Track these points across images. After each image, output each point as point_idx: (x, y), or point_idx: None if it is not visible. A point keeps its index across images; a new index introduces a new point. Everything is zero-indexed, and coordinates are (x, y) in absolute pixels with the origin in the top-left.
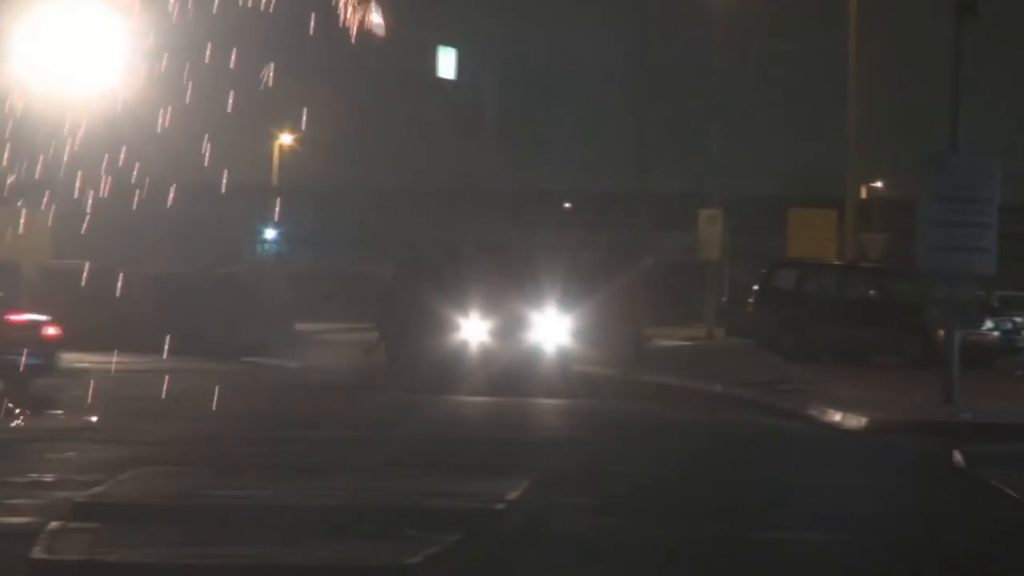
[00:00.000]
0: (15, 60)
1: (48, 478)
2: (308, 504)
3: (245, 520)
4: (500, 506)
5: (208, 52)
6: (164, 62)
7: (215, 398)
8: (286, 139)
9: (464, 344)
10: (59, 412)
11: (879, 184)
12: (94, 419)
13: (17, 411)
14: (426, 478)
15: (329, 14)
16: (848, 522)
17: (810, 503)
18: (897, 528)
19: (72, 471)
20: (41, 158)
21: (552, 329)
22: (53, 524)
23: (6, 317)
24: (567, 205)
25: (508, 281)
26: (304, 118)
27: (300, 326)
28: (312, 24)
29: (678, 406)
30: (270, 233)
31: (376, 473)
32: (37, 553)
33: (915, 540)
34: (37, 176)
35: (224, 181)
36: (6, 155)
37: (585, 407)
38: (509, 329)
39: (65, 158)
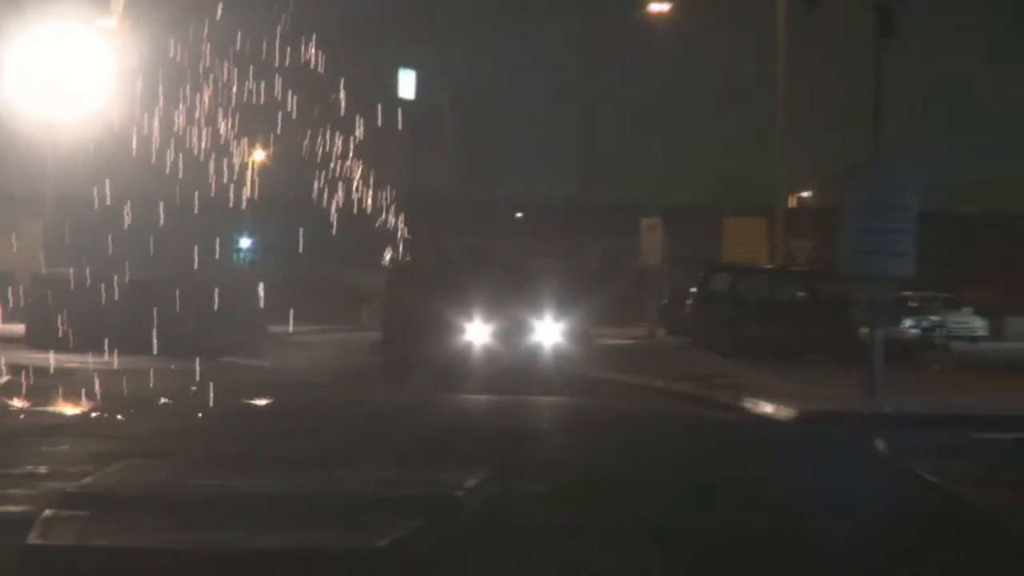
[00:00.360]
0: (5, 81)
1: (42, 470)
2: (285, 493)
3: (226, 508)
4: (459, 493)
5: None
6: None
7: (197, 395)
8: (259, 155)
9: (458, 345)
10: (51, 409)
11: (807, 193)
12: (85, 414)
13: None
14: (397, 468)
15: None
16: (776, 506)
17: (745, 488)
18: (828, 512)
19: (64, 463)
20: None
21: (546, 332)
22: (47, 512)
23: None
24: (519, 215)
25: (495, 286)
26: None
27: (274, 328)
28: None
29: (622, 400)
30: (245, 242)
31: (354, 464)
32: (33, 539)
33: (847, 522)
34: (29, 190)
35: (230, 185)
36: None
37: (549, 403)
38: (503, 332)
39: (54, 175)
